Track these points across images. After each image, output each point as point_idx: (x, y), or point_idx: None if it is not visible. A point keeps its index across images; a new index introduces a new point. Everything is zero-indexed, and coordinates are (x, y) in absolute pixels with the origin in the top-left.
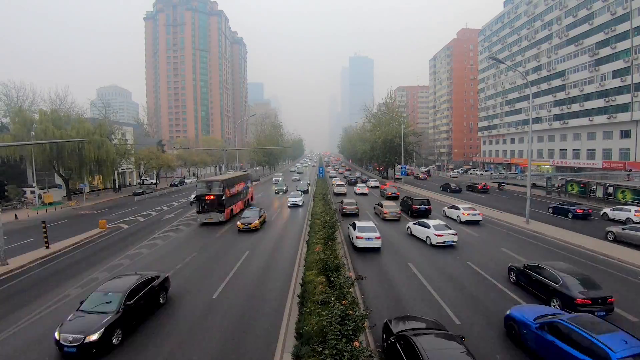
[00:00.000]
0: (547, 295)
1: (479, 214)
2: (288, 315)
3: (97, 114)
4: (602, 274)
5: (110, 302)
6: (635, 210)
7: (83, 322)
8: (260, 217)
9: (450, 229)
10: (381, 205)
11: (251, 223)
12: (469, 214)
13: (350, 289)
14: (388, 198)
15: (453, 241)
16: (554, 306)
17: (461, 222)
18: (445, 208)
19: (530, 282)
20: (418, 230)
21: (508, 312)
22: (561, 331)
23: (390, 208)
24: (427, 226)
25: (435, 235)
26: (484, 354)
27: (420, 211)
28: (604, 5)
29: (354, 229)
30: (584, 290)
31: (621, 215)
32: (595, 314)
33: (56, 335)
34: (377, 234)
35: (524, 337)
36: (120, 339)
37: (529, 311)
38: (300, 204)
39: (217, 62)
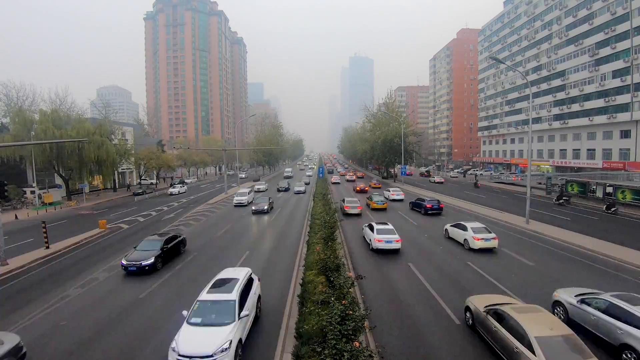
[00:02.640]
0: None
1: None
2: (288, 315)
3: (97, 114)
4: (602, 274)
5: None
6: None
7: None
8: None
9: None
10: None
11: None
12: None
13: (350, 289)
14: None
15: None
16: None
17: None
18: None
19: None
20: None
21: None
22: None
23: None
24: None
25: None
26: None
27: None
28: (604, 5)
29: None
30: None
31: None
32: None
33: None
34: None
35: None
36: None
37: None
38: None
39: (217, 62)
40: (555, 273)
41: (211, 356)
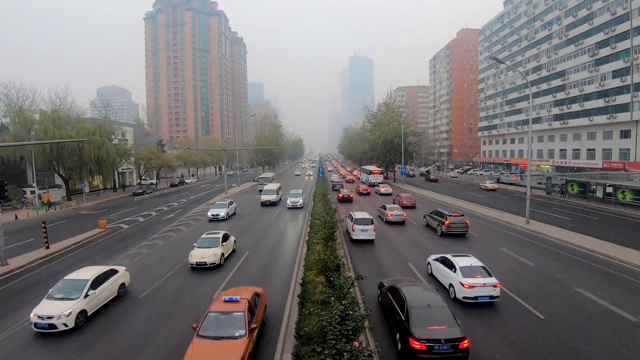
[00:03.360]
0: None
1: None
2: (288, 315)
3: (97, 114)
4: (602, 274)
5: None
6: None
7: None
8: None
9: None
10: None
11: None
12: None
13: (350, 289)
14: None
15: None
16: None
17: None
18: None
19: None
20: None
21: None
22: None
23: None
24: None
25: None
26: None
27: None
28: (604, 5)
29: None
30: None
31: None
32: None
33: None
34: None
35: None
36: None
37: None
38: None
39: (217, 62)
40: (555, 273)
41: None
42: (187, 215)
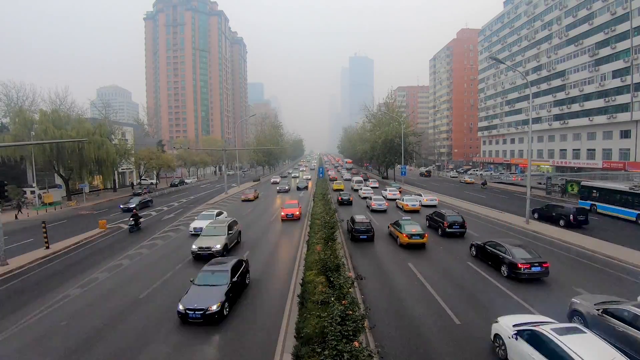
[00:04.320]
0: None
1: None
2: (288, 315)
3: (97, 114)
4: (602, 274)
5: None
6: None
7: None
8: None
9: None
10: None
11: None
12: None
13: (350, 289)
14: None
15: None
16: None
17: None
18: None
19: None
20: None
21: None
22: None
23: None
24: None
25: None
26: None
27: None
28: (604, 5)
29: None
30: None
31: None
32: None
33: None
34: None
35: None
36: None
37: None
38: None
39: (217, 62)
40: (555, 273)
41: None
42: (187, 215)
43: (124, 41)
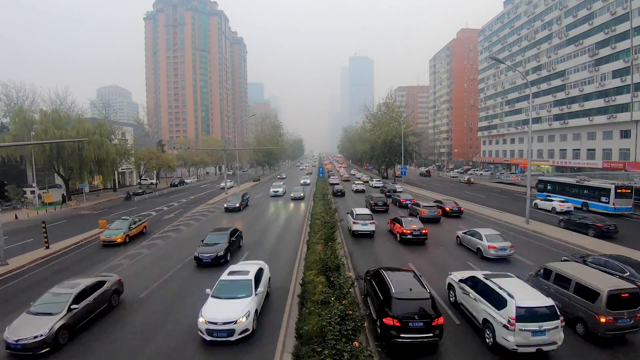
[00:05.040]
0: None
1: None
2: (288, 315)
3: (97, 114)
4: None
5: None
6: (559, 201)
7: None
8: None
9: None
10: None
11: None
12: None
13: (350, 289)
14: None
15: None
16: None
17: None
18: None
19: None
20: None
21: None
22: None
23: None
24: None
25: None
26: None
27: None
28: (604, 5)
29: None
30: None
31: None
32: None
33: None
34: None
35: None
36: None
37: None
38: None
39: (217, 62)
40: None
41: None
42: (187, 215)
43: (124, 41)
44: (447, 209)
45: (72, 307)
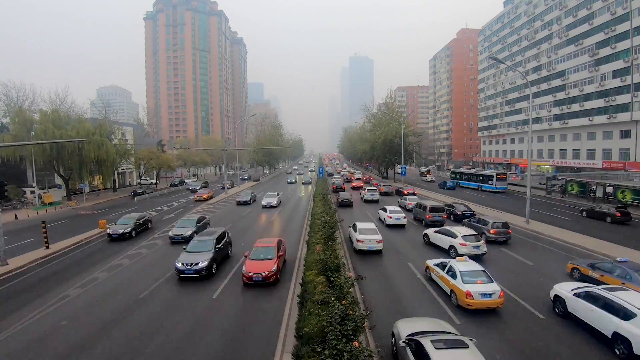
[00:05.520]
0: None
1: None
2: (288, 315)
3: (97, 114)
4: None
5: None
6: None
7: None
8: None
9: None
10: None
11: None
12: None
13: (350, 289)
14: None
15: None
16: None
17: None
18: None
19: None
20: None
21: None
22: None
23: None
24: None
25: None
26: None
27: None
28: (604, 5)
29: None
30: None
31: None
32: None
33: None
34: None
35: None
36: None
37: None
38: None
39: (217, 62)
40: (555, 273)
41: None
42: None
43: (124, 41)
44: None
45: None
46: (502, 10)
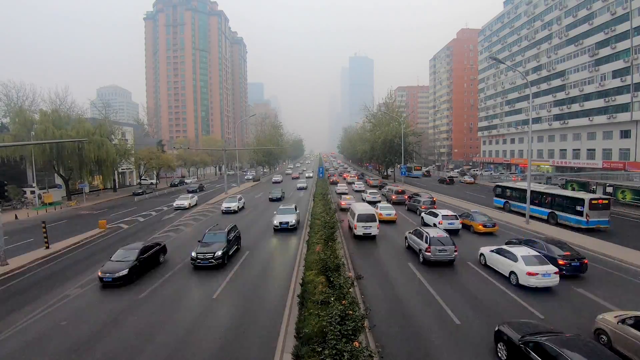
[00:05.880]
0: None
1: None
2: (288, 315)
3: (97, 114)
4: (601, 274)
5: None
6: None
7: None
8: None
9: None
10: None
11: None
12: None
13: (350, 289)
14: None
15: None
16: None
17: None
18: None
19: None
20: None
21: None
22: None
23: None
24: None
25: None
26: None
27: None
28: (604, 5)
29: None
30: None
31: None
32: None
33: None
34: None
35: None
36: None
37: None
38: None
39: (217, 62)
40: None
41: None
42: (187, 215)
43: (124, 41)
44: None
45: None
46: (502, 10)
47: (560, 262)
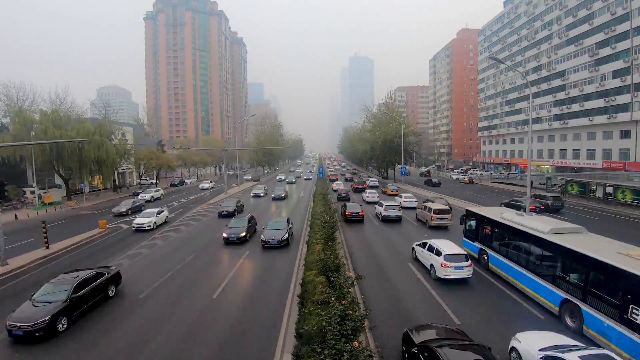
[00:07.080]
0: None
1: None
2: (288, 315)
3: (97, 114)
4: None
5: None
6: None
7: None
8: None
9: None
10: None
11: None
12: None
13: (350, 289)
14: None
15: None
16: None
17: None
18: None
19: None
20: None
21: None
22: None
23: None
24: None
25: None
26: None
27: None
28: (604, 6)
29: (433, 252)
30: None
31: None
32: None
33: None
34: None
35: None
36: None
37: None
38: None
39: (217, 62)
40: None
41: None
42: (187, 215)
43: (125, 41)
44: None
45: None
46: (502, 10)
47: None
